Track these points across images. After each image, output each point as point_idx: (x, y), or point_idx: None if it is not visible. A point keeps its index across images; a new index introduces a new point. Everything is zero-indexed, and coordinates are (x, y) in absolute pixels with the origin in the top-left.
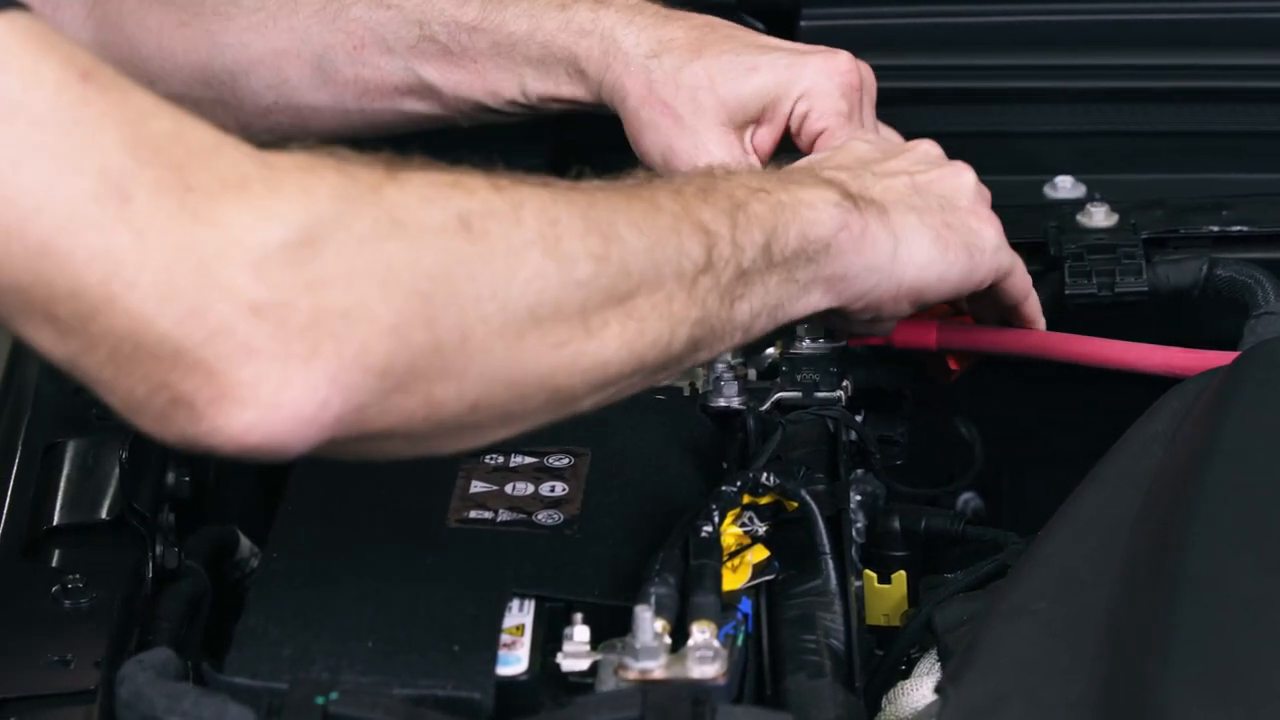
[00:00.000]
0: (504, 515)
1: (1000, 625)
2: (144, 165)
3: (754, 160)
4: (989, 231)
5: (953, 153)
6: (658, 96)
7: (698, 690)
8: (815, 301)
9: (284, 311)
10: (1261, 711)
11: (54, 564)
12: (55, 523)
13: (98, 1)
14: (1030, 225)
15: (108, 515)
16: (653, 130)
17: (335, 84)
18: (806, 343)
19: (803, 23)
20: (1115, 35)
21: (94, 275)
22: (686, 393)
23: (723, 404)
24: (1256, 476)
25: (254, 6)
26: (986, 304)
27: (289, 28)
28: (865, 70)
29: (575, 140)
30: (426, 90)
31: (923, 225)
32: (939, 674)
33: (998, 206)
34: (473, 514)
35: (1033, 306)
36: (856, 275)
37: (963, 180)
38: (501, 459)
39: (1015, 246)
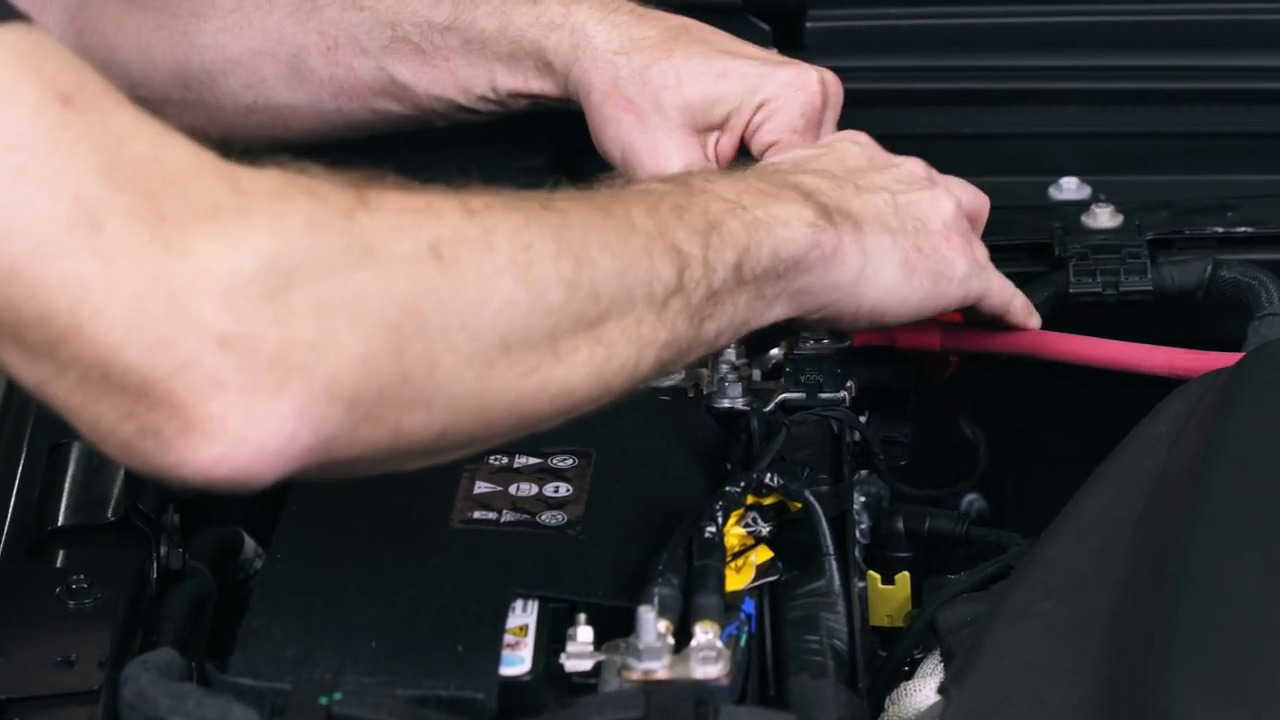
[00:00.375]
0: (508, 516)
1: (1003, 626)
2: (118, 192)
3: (714, 168)
4: (960, 261)
5: (958, 153)
6: (622, 92)
7: (701, 691)
8: (778, 313)
9: (253, 344)
10: (1265, 712)
11: (59, 564)
12: (60, 523)
13: (80, 7)
14: (1035, 226)
15: (113, 516)
16: (614, 126)
17: (311, 84)
18: (810, 343)
19: (809, 24)
20: (1120, 37)
21: (62, 302)
22: (690, 393)
23: (727, 405)
24: (1260, 478)
25: (230, 7)
26: (969, 312)
27: (264, 28)
28: (833, 86)
29: (575, 141)
30: (400, 89)
31: (894, 247)
32: (942, 675)
33: (1002, 207)
34: (476, 515)
35: (1016, 315)
36: (820, 290)
37: (942, 206)
38: (505, 460)
39: (1019, 247)
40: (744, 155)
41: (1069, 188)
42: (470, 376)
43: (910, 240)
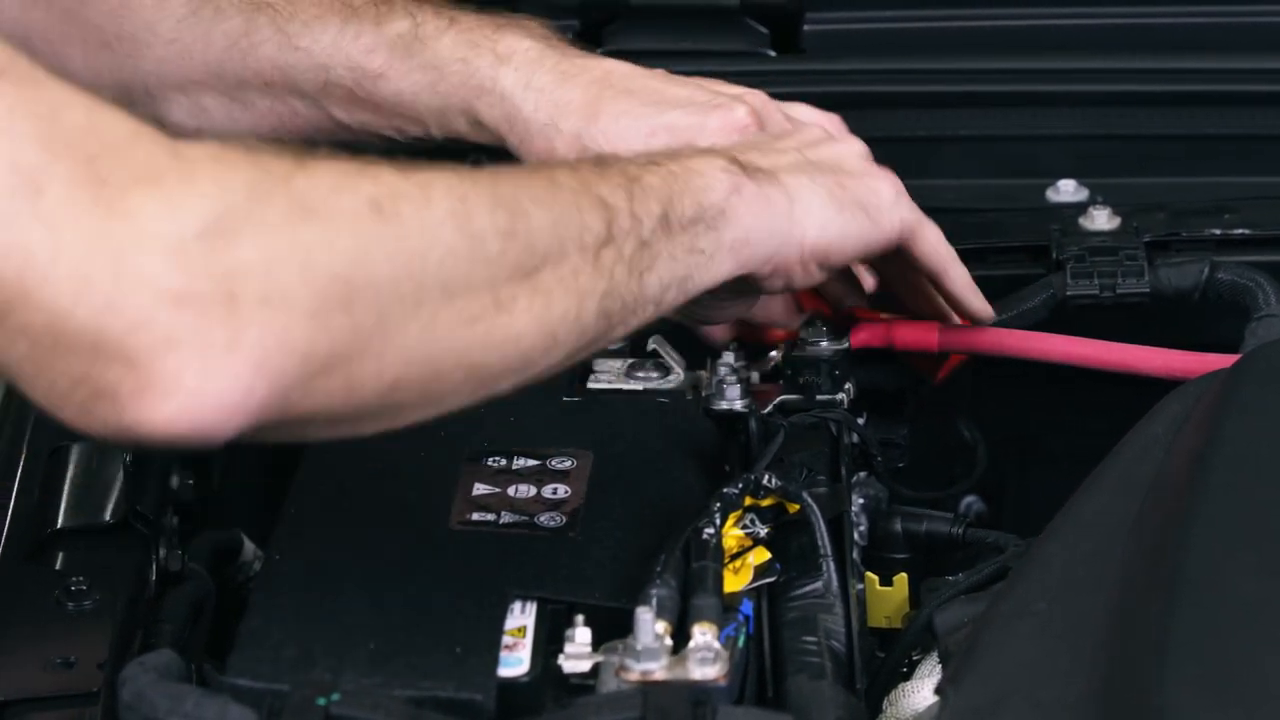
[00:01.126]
0: (506, 517)
1: (1000, 627)
2: (57, 159)
3: None
4: (884, 186)
5: (955, 156)
6: None
7: (699, 691)
8: (724, 270)
9: (204, 300)
10: (1259, 712)
11: (58, 566)
12: (60, 525)
13: (29, 7)
14: (1032, 228)
15: (112, 518)
16: None
17: (252, 115)
18: (809, 345)
19: (806, 26)
20: (1118, 39)
21: (9, 270)
22: (689, 395)
23: (725, 406)
24: (1256, 479)
25: (170, 37)
26: (906, 274)
27: (204, 62)
28: (765, 108)
29: None
30: (337, 125)
31: (815, 185)
32: (940, 676)
33: (999, 210)
34: (475, 516)
35: (957, 279)
36: (758, 239)
37: (852, 148)
38: (504, 461)
39: (1016, 249)
40: None
41: (1066, 190)
42: (417, 326)
43: (830, 178)
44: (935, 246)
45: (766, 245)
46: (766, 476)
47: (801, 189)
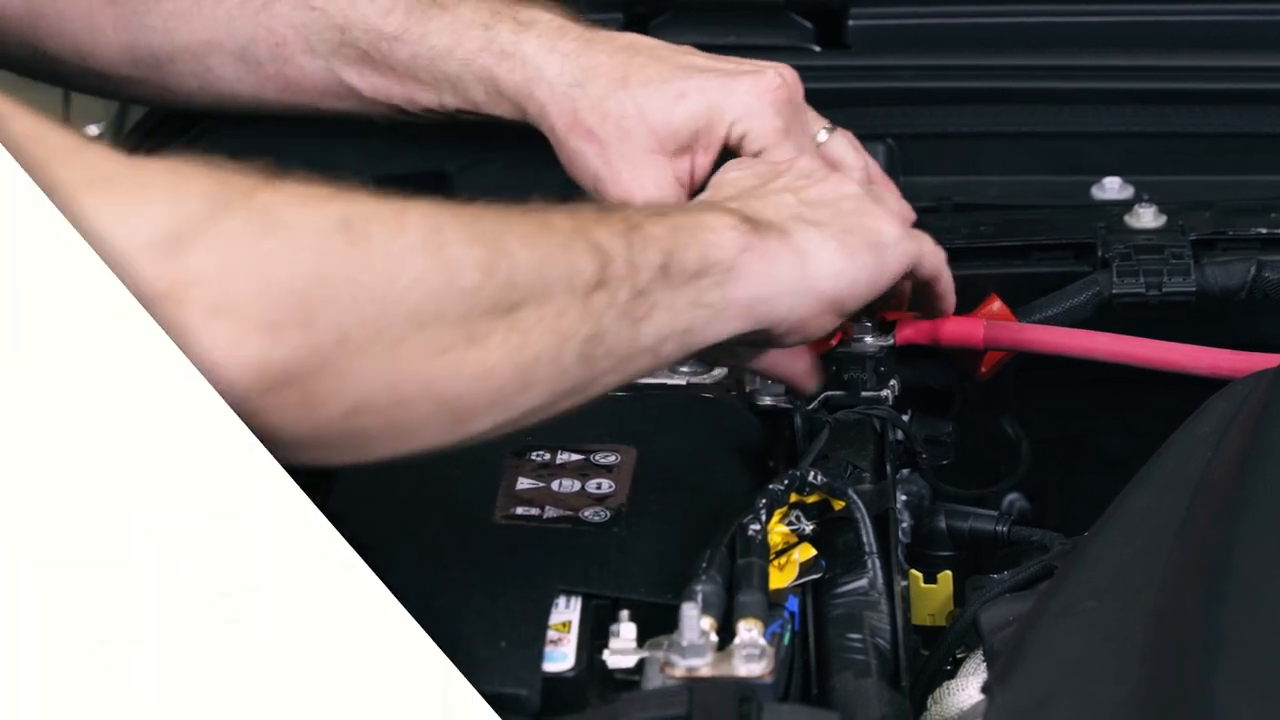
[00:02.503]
0: (550, 512)
1: (1047, 625)
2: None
3: (681, 191)
4: (887, 226)
5: (1000, 152)
6: (583, 125)
7: (744, 688)
8: (732, 327)
9: (149, 307)
10: None
11: None
12: None
13: None
14: (1078, 226)
15: None
16: (581, 158)
17: (257, 78)
18: (854, 341)
19: (851, 22)
20: (1164, 37)
21: None
22: (733, 391)
23: (770, 402)
24: None
25: None
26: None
27: (213, 17)
28: (793, 81)
29: None
30: (346, 91)
31: (824, 236)
32: (985, 674)
33: (1044, 206)
34: (519, 511)
35: (944, 286)
36: (772, 298)
37: (846, 187)
38: (548, 456)
39: (1063, 246)
40: None
41: (1112, 187)
42: (380, 350)
43: (834, 224)
44: (931, 264)
45: (782, 304)
46: (812, 473)
47: (811, 241)
